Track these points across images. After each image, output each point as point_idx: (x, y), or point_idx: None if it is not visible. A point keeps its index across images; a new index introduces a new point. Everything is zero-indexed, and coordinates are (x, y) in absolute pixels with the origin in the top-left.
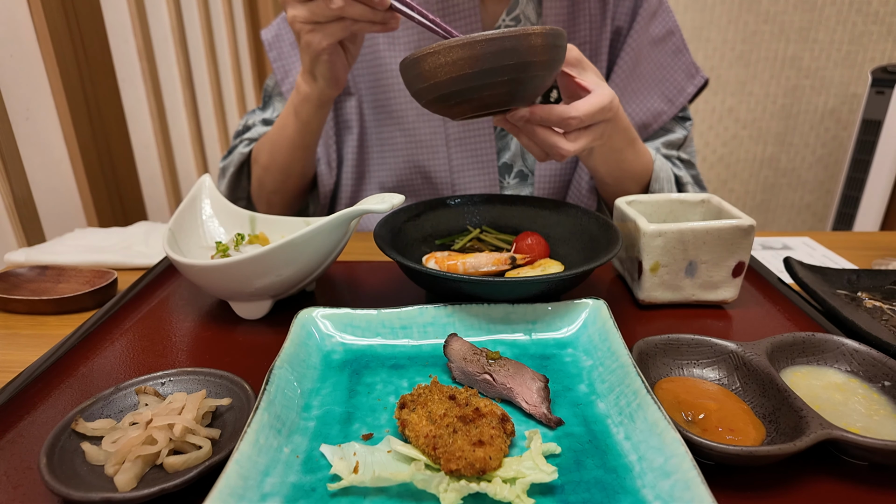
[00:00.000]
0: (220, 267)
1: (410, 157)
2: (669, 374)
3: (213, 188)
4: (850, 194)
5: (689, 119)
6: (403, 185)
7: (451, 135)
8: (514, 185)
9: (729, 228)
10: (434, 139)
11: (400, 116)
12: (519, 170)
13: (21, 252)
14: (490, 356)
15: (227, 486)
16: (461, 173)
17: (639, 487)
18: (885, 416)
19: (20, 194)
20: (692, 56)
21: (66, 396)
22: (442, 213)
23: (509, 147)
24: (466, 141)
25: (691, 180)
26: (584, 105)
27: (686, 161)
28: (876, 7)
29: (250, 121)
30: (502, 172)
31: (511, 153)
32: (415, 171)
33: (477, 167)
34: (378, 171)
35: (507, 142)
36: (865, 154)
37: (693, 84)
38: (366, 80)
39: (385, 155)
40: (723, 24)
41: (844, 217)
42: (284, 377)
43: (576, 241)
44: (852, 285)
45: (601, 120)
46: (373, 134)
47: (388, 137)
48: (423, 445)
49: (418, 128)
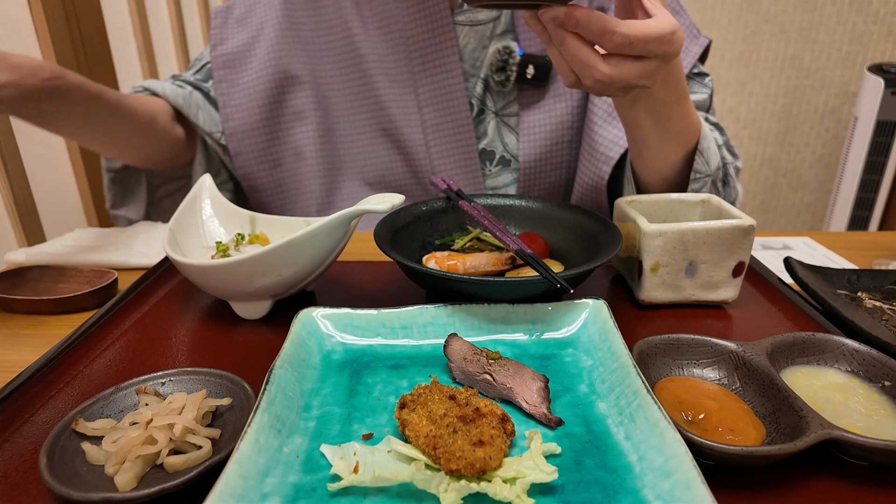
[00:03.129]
0: (220, 267)
1: (388, 145)
2: (669, 374)
3: (213, 188)
4: (865, 196)
5: (707, 74)
6: (385, 175)
7: (427, 120)
8: (496, 172)
9: (729, 228)
10: (410, 125)
11: (374, 102)
12: (500, 156)
13: (21, 252)
14: (490, 356)
15: (227, 486)
16: (441, 160)
17: (639, 487)
18: (886, 416)
19: (20, 194)
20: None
21: (66, 396)
22: (442, 213)
23: (486, 133)
24: (443, 127)
25: (723, 145)
26: (638, 26)
27: (714, 124)
28: (876, 7)
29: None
30: (483, 159)
31: (489, 139)
32: (395, 160)
33: (456, 154)
34: (354, 161)
35: (483, 128)
36: (881, 156)
37: (697, 44)
38: (335, 67)
39: (361, 144)
40: (723, 24)
41: (859, 220)
42: (284, 377)
43: (576, 241)
44: (852, 285)
45: (656, 54)
46: (344, 122)
47: (363, 126)
48: (423, 445)
49: (394, 114)
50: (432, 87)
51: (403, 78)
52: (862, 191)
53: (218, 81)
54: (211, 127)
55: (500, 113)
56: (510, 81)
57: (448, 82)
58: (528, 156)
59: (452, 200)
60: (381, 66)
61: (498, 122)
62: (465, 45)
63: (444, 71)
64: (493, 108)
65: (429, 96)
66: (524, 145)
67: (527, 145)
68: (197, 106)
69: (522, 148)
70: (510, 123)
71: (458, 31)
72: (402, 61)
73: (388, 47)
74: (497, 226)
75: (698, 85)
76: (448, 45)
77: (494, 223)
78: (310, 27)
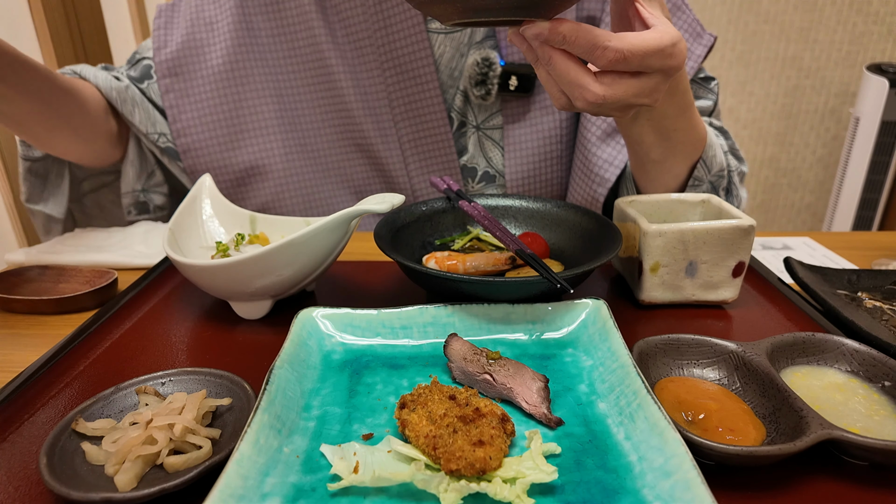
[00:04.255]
0: (220, 267)
1: (363, 161)
2: (669, 374)
3: (213, 188)
4: (871, 197)
5: (713, 79)
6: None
7: (404, 136)
8: (479, 188)
9: (729, 228)
10: (385, 141)
11: (346, 116)
12: (484, 171)
13: (21, 252)
14: (490, 356)
15: (227, 486)
16: (420, 178)
17: (639, 487)
18: (886, 416)
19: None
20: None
21: (66, 396)
22: (442, 214)
23: (467, 149)
24: (421, 142)
25: (728, 150)
26: (634, 39)
27: (719, 129)
28: (876, 7)
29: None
30: (465, 176)
31: (469, 154)
32: (371, 177)
33: (436, 170)
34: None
35: (463, 143)
36: (885, 156)
37: (701, 44)
38: (299, 78)
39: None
40: (723, 24)
41: (864, 220)
42: (284, 377)
43: (576, 241)
44: (852, 285)
45: (655, 69)
46: (316, 136)
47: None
48: (423, 445)
49: (367, 129)
50: (407, 101)
51: (376, 90)
52: (867, 191)
53: (165, 92)
54: (148, 127)
55: (482, 127)
56: (491, 95)
57: (424, 95)
58: (515, 172)
59: (452, 200)
60: (351, 77)
61: (480, 137)
62: (440, 54)
63: (419, 83)
64: (474, 121)
65: (404, 110)
66: (510, 161)
67: (513, 161)
68: (133, 102)
69: (508, 164)
70: (494, 137)
71: (433, 40)
72: (375, 72)
73: (358, 57)
74: (497, 226)
75: (704, 90)
76: (422, 54)
77: (494, 223)
78: (268, 33)
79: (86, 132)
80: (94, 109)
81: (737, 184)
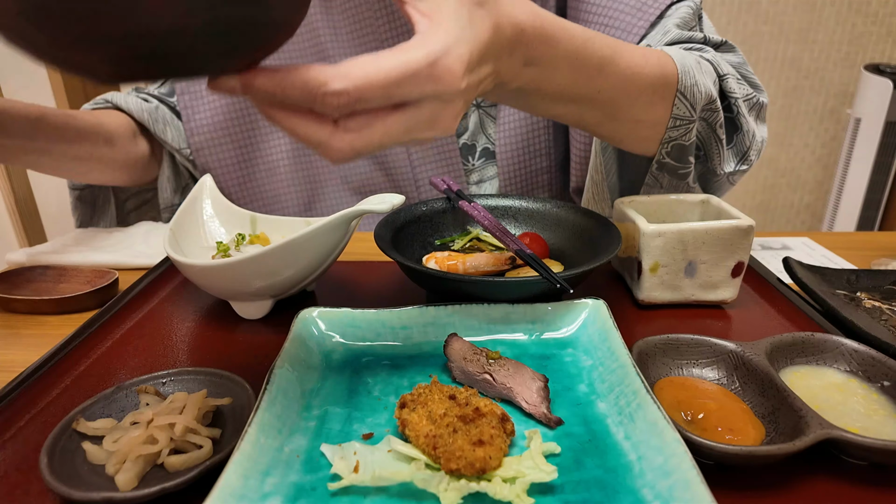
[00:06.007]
0: (220, 267)
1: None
2: (669, 373)
3: (213, 188)
4: (873, 197)
5: None
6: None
7: None
8: (480, 165)
9: (728, 228)
10: None
11: None
12: (483, 147)
13: (21, 252)
14: (490, 356)
15: (227, 486)
16: (423, 167)
17: (638, 487)
18: (885, 415)
19: (21, 194)
20: None
21: (67, 396)
22: (442, 214)
23: (468, 127)
24: None
25: (728, 74)
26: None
27: (719, 44)
28: (875, 8)
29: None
30: (465, 154)
31: (469, 132)
32: (374, 168)
33: (437, 155)
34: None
35: (465, 124)
36: (888, 156)
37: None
38: None
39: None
40: (722, 25)
41: (868, 220)
42: (285, 377)
43: (576, 241)
44: (851, 285)
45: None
46: None
47: None
48: (423, 445)
49: None
50: None
51: None
52: (871, 192)
53: (180, 94)
54: (179, 143)
55: (482, 105)
56: None
57: None
58: (505, 146)
59: (452, 201)
60: None
61: (481, 115)
62: None
63: None
64: (476, 100)
65: None
66: (500, 136)
67: (503, 135)
68: (164, 121)
69: (499, 139)
70: (492, 114)
71: None
72: None
73: (359, 46)
74: (497, 226)
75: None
76: None
77: (494, 223)
78: None
79: (116, 162)
80: (120, 138)
81: (745, 114)
